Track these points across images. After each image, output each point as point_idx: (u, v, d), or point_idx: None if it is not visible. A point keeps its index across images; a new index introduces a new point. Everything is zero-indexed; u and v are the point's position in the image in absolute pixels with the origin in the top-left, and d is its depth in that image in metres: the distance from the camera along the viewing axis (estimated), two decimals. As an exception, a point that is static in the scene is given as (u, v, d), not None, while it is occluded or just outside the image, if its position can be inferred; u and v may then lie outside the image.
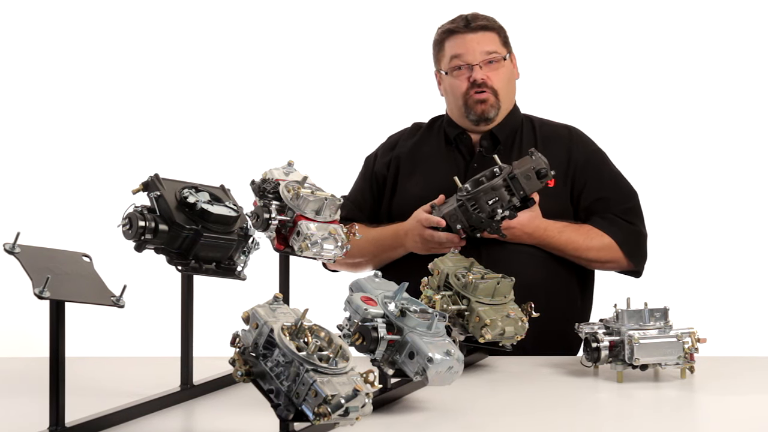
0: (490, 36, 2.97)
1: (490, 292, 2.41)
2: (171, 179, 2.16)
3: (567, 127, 3.06)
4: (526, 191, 2.64)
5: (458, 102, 2.98)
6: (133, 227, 2.07)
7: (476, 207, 2.65)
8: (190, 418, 2.13)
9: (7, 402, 2.23)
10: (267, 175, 2.48)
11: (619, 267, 2.96)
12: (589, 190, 2.95)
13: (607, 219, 2.91)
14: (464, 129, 3.02)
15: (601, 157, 3.02)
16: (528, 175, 2.63)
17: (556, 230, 2.85)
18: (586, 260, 2.91)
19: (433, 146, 3.07)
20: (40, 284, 1.82)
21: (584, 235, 2.88)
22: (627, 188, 2.99)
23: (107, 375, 2.49)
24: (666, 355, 2.34)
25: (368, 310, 2.03)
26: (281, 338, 1.74)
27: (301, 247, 2.38)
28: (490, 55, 2.95)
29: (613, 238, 2.89)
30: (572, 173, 2.95)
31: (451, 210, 2.70)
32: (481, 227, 2.67)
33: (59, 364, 1.84)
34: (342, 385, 1.72)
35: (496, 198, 2.64)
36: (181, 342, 2.23)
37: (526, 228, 2.80)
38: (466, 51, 2.95)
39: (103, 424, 1.94)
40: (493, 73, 2.95)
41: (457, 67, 2.96)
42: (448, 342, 2.04)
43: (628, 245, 2.91)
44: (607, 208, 2.93)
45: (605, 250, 2.89)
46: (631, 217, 2.95)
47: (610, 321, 2.40)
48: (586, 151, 3.00)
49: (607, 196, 2.95)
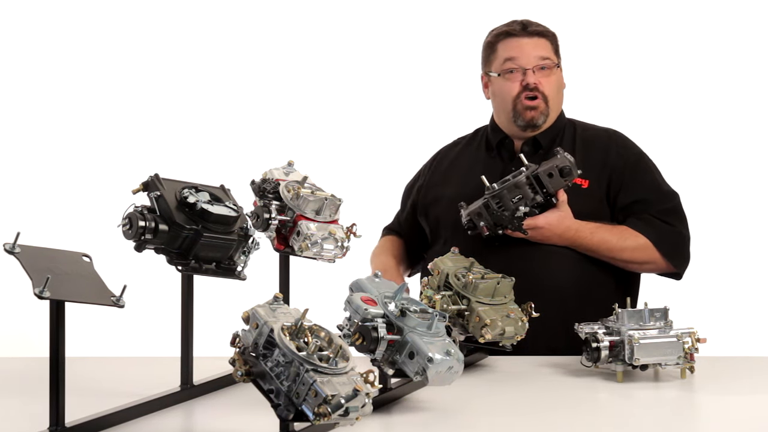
0: (544, 42, 2.96)
1: (490, 292, 2.41)
2: (171, 179, 2.16)
3: (607, 131, 3.04)
4: (549, 189, 2.67)
5: (507, 106, 2.95)
6: (133, 227, 2.07)
7: (501, 204, 2.68)
8: (190, 418, 2.13)
9: (7, 402, 2.23)
10: (267, 175, 2.48)
11: (658, 268, 2.91)
12: (626, 191, 2.91)
13: (643, 219, 2.88)
14: (507, 134, 3.00)
15: (641, 160, 2.99)
16: (551, 173, 2.66)
17: (588, 231, 2.82)
18: (622, 261, 2.86)
19: (473, 153, 3.07)
20: (40, 284, 1.82)
21: (618, 235, 2.84)
22: (667, 190, 2.96)
23: (107, 375, 2.49)
24: (666, 355, 2.34)
25: (368, 310, 2.03)
26: (281, 338, 1.74)
27: (301, 247, 2.38)
28: (543, 60, 2.93)
29: (648, 238, 2.84)
30: (608, 174, 2.92)
31: (476, 208, 2.72)
32: (503, 224, 2.69)
33: (59, 364, 1.84)
34: (342, 385, 1.72)
35: (520, 195, 2.67)
36: (181, 342, 2.23)
37: (555, 229, 2.78)
38: (521, 54, 2.93)
39: (103, 424, 1.94)
40: (545, 80, 2.93)
41: (510, 70, 2.94)
42: (448, 342, 2.04)
43: (665, 246, 2.86)
44: (645, 209, 2.89)
45: (640, 251, 2.84)
46: (671, 218, 2.90)
47: (610, 321, 2.40)
48: (625, 154, 2.97)
49: (645, 198, 2.91)
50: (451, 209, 2.89)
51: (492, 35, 3.01)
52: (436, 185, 3.08)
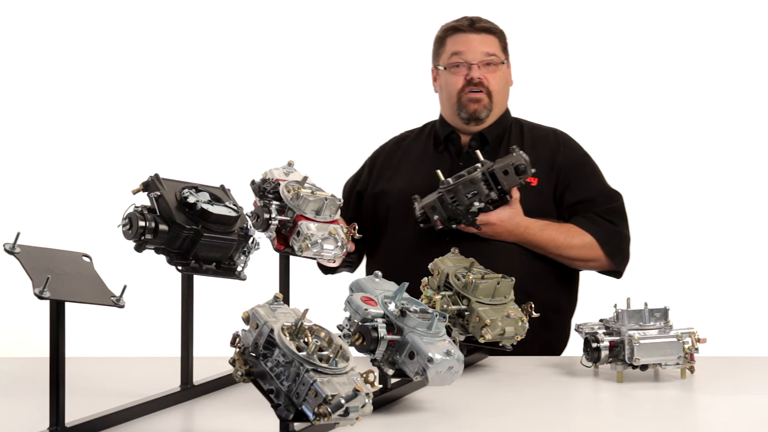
0: (491, 39, 3.02)
1: (490, 292, 2.41)
2: (171, 179, 2.16)
3: (555, 131, 3.12)
4: (504, 186, 2.73)
5: (452, 98, 3.02)
6: (133, 227, 2.07)
7: (455, 199, 2.72)
8: (190, 418, 2.13)
9: (7, 402, 2.23)
10: (267, 175, 2.48)
11: (601, 266, 2.98)
12: (573, 190, 2.99)
13: (588, 218, 2.95)
14: (455, 129, 3.06)
15: (586, 160, 3.07)
16: (506, 171, 2.72)
17: (537, 228, 2.89)
18: (568, 258, 2.93)
19: (421, 148, 3.12)
20: (40, 284, 1.82)
21: (565, 233, 2.91)
22: (611, 190, 3.03)
23: (107, 375, 2.49)
24: (666, 355, 2.35)
25: (368, 310, 2.03)
26: (281, 338, 1.74)
27: (301, 247, 2.38)
28: (489, 56, 3.00)
29: (594, 236, 2.92)
30: (556, 174, 2.99)
31: (430, 201, 2.76)
32: (457, 219, 2.74)
33: (59, 364, 1.84)
34: (342, 385, 1.71)
35: (475, 191, 2.72)
36: (181, 342, 2.23)
37: (506, 225, 2.84)
38: (467, 49, 3.00)
39: (103, 424, 1.94)
40: (490, 75, 3.00)
41: (456, 65, 3.01)
42: (448, 342, 2.04)
43: (609, 245, 2.94)
44: (590, 208, 2.97)
45: (586, 249, 2.92)
46: (614, 217, 2.98)
47: (610, 321, 2.40)
48: (572, 154, 3.05)
49: (590, 197, 2.99)
50: (400, 203, 2.94)
51: (442, 30, 3.09)
52: (383, 179, 3.10)
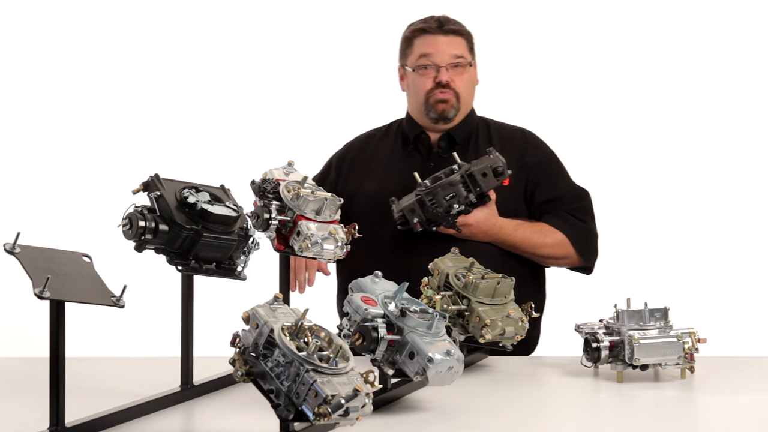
0: (459, 41, 3.05)
1: (490, 292, 2.41)
2: (171, 179, 2.16)
3: (521, 130, 3.15)
4: (482, 188, 2.76)
5: (420, 99, 3.05)
6: (133, 227, 2.07)
7: (434, 202, 2.75)
8: (190, 418, 2.13)
9: (7, 402, 2.23)
10: (267, 175, 2.48)
11: (572, 263, 3.03)
12: (543, 189, 3.03)
13: (559, 216, 3.00)
14: (423, 128, 3.08)
15: (553, 159, 3.11)
16: (485, 173, 2.75)
17: (512, 228, 2.93)
18: (541, 257, 2.98)
19: (390, 148, 3.13)
20: (40, 284, 1.82)
21: (538, 232, 2.96)
22: (578, 188, 3.08)
23: (107, 375, 2.49)
24: (666, 355, 2.35)
25: (368, 310, 2.03)
26: (281, 338, 1.74)
27: (301, 247, 2.38)
28: (457, 59, 3.02)
29: (566, 235, 2.97)
30: (526, 173, 3.02)
31: (409, 204, 2.78)
32: (437, 221, 2.77)
33: (59, 364, 1.84)
34: (342, 385, 1.71)
35: (453, 194, 2.75)
36: (181, 342, 2.23)
37: (482, 225, 2.87)
38: (436, 52, 3.02)
39: (103, 424, 1.94)
40: (458, 77, 3.02)
41: (424, 66, 3.03)
42: (448, 342, 2.04)
43: (580, 242, 2.99)
44: (560, 206, 3.02)
45: (558, 247, 2.97)
46: (583, 215, 3.03)
47: (610, 321, 2.40)
48: (539, 153, 3.09)
49: (559, 196, 3.03)
50: (374, 204, 2.95)
51: (409, 30, 3.10)
52: (353, 179, 3.12)
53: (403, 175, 2.92)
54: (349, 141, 3.24)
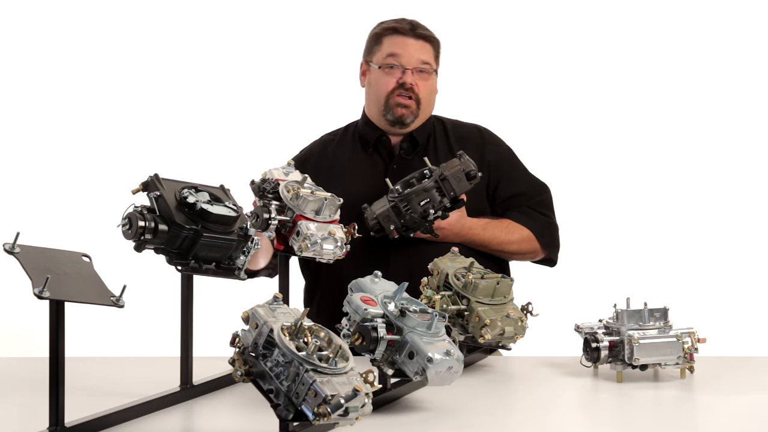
0: (428, 47, 3.06)
1: (489, 292, 2.41)
2: (171, 179, 2.16)
3: (478, 128, 3.16)
4: (456, 192, 2.74)
5: (380, 98, 3.05)
6: (132, 227, 2.07)
7: (408, 208, 2.74)
8: (190, 418, 2.13)
9: (7, 402, 2.23)
10: (267, 175, 2.48)
11: (536, 257, 3.08)
12: (504, 186, 3.06)
13: (523, 212, 3.04)
14: (383, 131, 3.08)
15: (511, 155, 3.14)
16: (458, 177, 2.73)
17: (480, 227, 2.95)
18: (508, 253, 3.02)
19: (350, 152, 3.12)
20: (40, 284, 1.82)
21: (505, 229, 2.99)
22: (538, 182, 3.12)
23: (107, 375, 2.49)
24: (666, 355, 2.35)
25: (368, 310, 2.03)
26: (281, 338, 1.74)
27: (300, 247, 2.38)
28: (424, 64, 3.03)
29: (530, 230, 3.02)
30: (487, 171, 3.03)
31: (384, 211, 2.77)
32: (414, 227, 2.76)
33: (59, 364, 1.84)
34: (341, 385, 1.72)
35: (428, 199, 2.74)
36: (181, 342, 2.23)
37: (454, 228, 2.89)
38: (404, 53, 3.03)
39: (103, 424, 1.94)
40: (421, 83, 3.03)
41: (390, 66, 3.03)
42: (447, 342, 2.04)
43: (544, 236, 3.04)
44: (522, 201, 3.06)
45: (525, 242, 3.01)
46: (545, 209, 3.08)
47: (610, 321, 2.40)
48: (498, 150, 3.12)
49: (522, 191, 3.07)
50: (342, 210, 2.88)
51: (381, 27, 3.11)
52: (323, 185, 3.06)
53: (368, 179, 2.95)
54: (305, 147, 3.21)
